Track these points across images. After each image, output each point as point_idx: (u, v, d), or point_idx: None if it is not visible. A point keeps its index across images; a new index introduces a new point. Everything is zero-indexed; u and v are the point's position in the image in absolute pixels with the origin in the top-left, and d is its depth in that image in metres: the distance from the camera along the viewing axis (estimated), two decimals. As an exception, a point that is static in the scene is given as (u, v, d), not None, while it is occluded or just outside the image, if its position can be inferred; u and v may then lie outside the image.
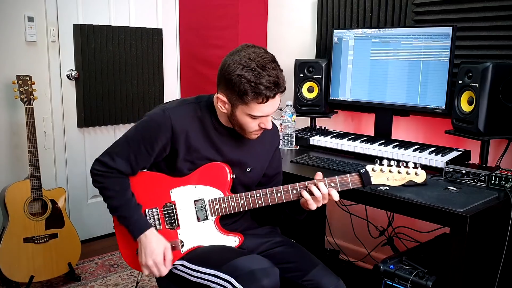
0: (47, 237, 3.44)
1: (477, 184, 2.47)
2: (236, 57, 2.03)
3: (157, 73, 4.53)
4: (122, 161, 2.19)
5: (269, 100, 2.03)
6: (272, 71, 2.00)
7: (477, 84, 2.59)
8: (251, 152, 2.31)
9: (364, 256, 3.80)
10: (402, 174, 2.12)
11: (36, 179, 3.37)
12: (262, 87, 1.98)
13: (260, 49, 2.06)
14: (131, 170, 2.21)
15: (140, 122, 2.21)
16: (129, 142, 2.20)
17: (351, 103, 3.36)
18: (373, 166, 2.12)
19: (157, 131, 2.15)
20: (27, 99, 3.39)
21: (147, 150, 2.17)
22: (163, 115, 2.15)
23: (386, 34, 3.09)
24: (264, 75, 1.99)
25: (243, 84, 1.99)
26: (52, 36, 3.92)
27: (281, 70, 2.07)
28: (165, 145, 2.18)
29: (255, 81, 1.98)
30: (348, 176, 2.13)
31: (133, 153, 2.18)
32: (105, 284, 3.60)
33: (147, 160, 2.21)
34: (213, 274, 2.08)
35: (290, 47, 4.17)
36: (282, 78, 2.04)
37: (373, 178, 2.12)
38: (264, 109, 2.05)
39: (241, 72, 1.99)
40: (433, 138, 3.26)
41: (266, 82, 1.98)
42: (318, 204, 2.13)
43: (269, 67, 2.01)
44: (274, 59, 2.06)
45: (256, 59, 2.00)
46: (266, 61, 2.01)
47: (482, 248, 2.27)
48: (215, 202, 2.23)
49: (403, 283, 2.45)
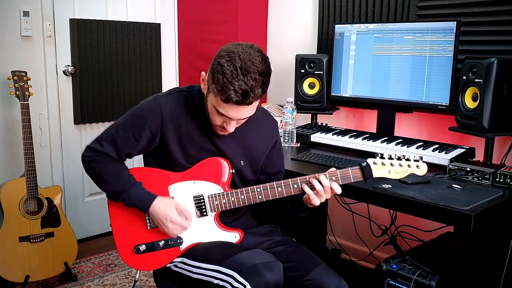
0: (43, 236, 3.44)
1: (482, 182, 2.47)
2: (232, 48, 2.01)
3: (155, 69, 4.53)
4: (109, 146, 2.22)
5: (231, 103, 1.99)
6: (250, 81, 1.95)
7: (481, 80, 2.59)
8: (245, 144, 2.31)
9: (366, 256, 3.80)
10: (404, 167, 2.14)
11: (31, 176, 3.37)
12: (231, 87, 1.94)
13: (260, 57, 2.00)
14: (117, 155, 2.23)
15: (132, 110, 2.25)
16: (117, 128, 2.23)
17: (353, 99, 3.36)
18: (375, 159, 2.14)
19: (146, 117, 2.18)
20: (22, 95, 3.38)
21: (135, 137, 2.19)
22: (154, 103, 2.19)
23: (389, 29, 3.09)
24: (240, 79, 1.94)
25: (218, 73, 1.97)
26: (48, 31, 3.92)
27: (264, 87, 2.00)
28: (154, 134, 2.20)
29: (229, 79, 1.94)
30: (350, 169, 2.14)
31: (120, 138, 2.21)
32: (102, 284, 3.60)
33: (134, 146, 2.22)
34: (215, 269, 2.08)
35: (291, 42, 4.16)
36: (255, 93, 1.98)
37: (374, 171, 2.13)
38: (227, 110, 2.03)
39: (223, 63, 1.97)
40: (436, 135, 3.26)
41: (237, 87, 1.94)
42: (321, 199, 2.14)
43: (251, 76, 1.95)
44: (265, 73, 1.99)
45: (245, 61, 1.96)
46: (253, 69, 1.96)
47: (486, 247, 2.27)
48: (215, 198, 2.23)
49: (406, 283, 2.45)
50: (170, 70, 4.77)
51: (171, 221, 2.17)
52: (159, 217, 2.18)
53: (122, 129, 2.21)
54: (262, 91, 2.01)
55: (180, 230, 2.21)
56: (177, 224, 2.18)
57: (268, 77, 2.02)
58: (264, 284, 1.96)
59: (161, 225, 2.20)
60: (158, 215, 2.18)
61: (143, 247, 2.24)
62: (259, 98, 2.03)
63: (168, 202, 2.20)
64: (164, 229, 2.19)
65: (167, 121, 2.18)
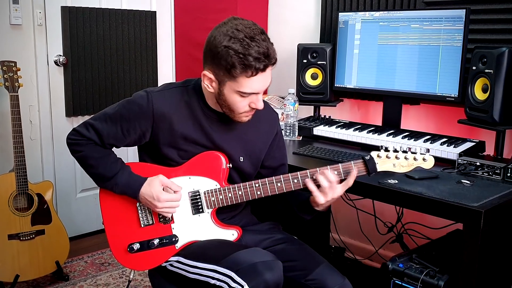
0: (33, 233, 3.44)
1: (492, 177, 2.47)
2: (222, 29, 2.01)
3: (151, 59, 4.52)
4: (94, 134, 2.22)
5: (258, 73, 2.01)
6: (262, 42, 1.99)
7: (492, 71, 2.59)
8: (244, 139, 2.31)
9: (371, 254, 3.80)
10: (409, 160, 2.12)
11: (21, 171, 3.36)
12: (251, 58, 1.97)
13: (248, 21, 2.06)
14: (100, 143, 2.24)
15: (123, 101, 2.24)
16: (106, 118, 2.23)
17: (357, 90, 3.36)
18: (378, 152, 2.13)
19: (136, 115, 2.18)
20: (12, 86, 3.37)
21: (122, 131, 2.20)
22: (146, 99, 2.18)
23: (395, 17, 3.08)
24: (253, 45, 1.97)
25: (231, 56, 1.97)
26: (38, 19, 3.90)
27: (272, 43, 2.05)
28: (144, 131, 2.20)
29: (244, 52, 1.96)
30: (352, 163, 2.13)
31: (107, 130, 2.21)
32: (95, 284, 3.60)
33: (120, 140, 2.24)
34: (212, 269, 2.08)
35: (293, 31, 4.15)
36: (272, 50, 2.03)
37: (378, 165, 2.12)
38: (254, 84, 2.04)
39: (228, 43, 1.97)
40: (445, 128, 3.25)
41: (255, 53, 1.97)
42: (325, 196, 2.10)
43: (258, 38, 1.99)
44: (264, 31, 2.05)
45: (244, 30, 1.99)
46: (255, 32, 2.00)
47: (497, 245, 2.27)
48: (211, 194, 2.22)
49: (413, 282, 2.45)
50: (166, 60, 4.75)
51: (159, 200, 2.16)
52: (147, 199, 2.18)
53: (111, 121, 2.21)
54: (273, 46, 2.06)
55: (172, 208, 2.20)
56: (166, 201, 2.17)
57: (266, 33, 2.07)
58: (262, 284, 1.96)
59: (152, 207, 2.20)
60: (146, 198, 2.18)
61: (137, 246, 2.24)
62: (276, 55, 2.06)
63: (152, 181, 2.19)
64: (156, 210, 2.20)
65: (159, 119, 2.17)
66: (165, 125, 2.18)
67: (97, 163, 2.23)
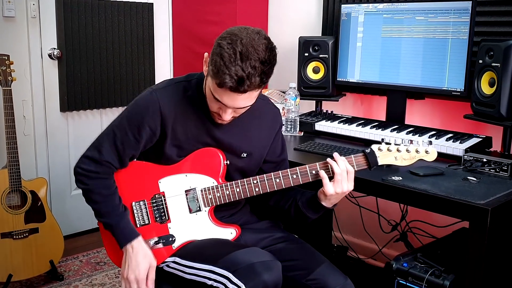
0: (26, 232, 3.43)
1: (499, 174, 2.46)
2: (236, 31, 1.98)
3: (148, 52, 4.51)
4: (109, 152, 2.18)
5: (224, 88, 1.95)
6: (248, 68, 1.91)
7: (499, 64, 2.59)
8: (247, 135, 2.30)
9: (375, 253, 3.80)
10: (411, 153, 2.13)
11: (14, 168, 3.36)
12: (226, 72, 1.91)
13: (265, 44, 1.97)
14: (118, 160, 2.20)
15: (127, 107, 2.22)
16: (115, 130, 2.19)
17: (360, 84, 3.35)
18: (379, 145, 2.13)
19: (145, 115, 2.15)
20: (4, 80, 3.37)
21: (135, 137, 2.17)
22: (151, 97, 2.16)
23: (399, 9, 3.07)
24: (237, 65, 1.91)
25: (216, 55, 1.95)
26: (32, 11, 3.90)
27: (263, 77, 1.96)
28: (154, 130, 2.17)
29: (225, 62, 1.91)
30: (353, 157, 2.13)
31: (120, 141, 2.17)
32: (91, 284, 3.60)
33: (135, 147, 2.20)
34: (209, 269, 2.07)
35: (294, 23, 4.14)
36: (252, 82, 1.93)
37: (379, 158, 2.13)
38: (222, 95, 2.00)
39: (223, 45, 1.94)
40: (450, 123, 3.25)
41: (233, 72, 1.90)
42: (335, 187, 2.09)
43: (250, 63, 1.91)
44: (266, 62, 1.96)
45: (247, 46, 1.93)
46: (254, 56, 1.92)
47: (504, 244, 2.27)
48: (208, 192, 2.22)
49: (418, 282, 2.45)
50: (164, 53, 4.75)
51: (136, 276, 2.14)
52: (132, 261, 2.15)
53: (120, 131, 2.18)
54: (260, 81, 1.96)
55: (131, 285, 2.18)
56: (136, 283, 2.15)
57: (270, 67, 1.98)
58: (261, 285, 1.96)
59: (125, 268, 2.17)
60: (131, 259, 2.16)
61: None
62: (257, 88, 1.99)
63: (148, 256, 2.18)
64: (124, 272, 2.17)
65: (166, 116, 2.16)
66: (171, 122, 2.17)
67: (101, 200, 2.19)
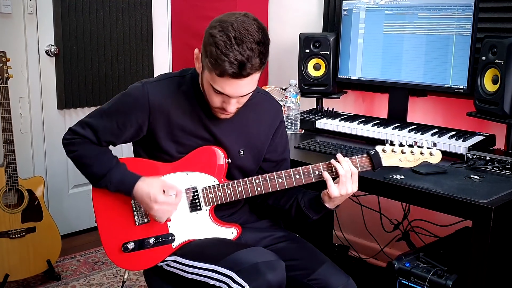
0: (23, 231, 3.43)
1: (503, 172, 2.46)
2: (224, 17, 1.98)
3: (146, 49, 4.52)
4: (90, 131, 2.21)
5: (226, 77, 1.95)
6: (246, 51, 1.91)
7: (502, 61, 2.58)
8: (245, 131, 2.30)
9: (376, 253, 3.80)
10: (416, 155, 2.13)
11: (11, 166, 3.36)
12: (225, 59, 1.90)
13: (255, 25, 1.97)
14: (96, 140, 2.23)
15: (119, 94, 2.25)
16: (102, 114, 2.23)
17: (362, 82, 3.35)
18: (384, 146, 2.13)
19: (132, 107, 2.17)
20: (1, 77, 3.36)
21: (118, 126, 2.19)
22: (141, 90, 2.17)
23: (401, 5, 3.07)
24: (235, 50, 1.90)
25: (210, 46, 1.94)
26: (29, 7, 3.89)
27: (262, 57, 1.96)
28: (141, 124, 2.18)
29: (222, 50, 1.91)
30: (357, 158, 2.13)
31: (102, 125, 2.21)
32: (88, 284, 3.60)
33: (117, 136, 2.22)
34: (211, 269, 2.07)
35: (294, 19, 4.13)
36: (253, 64, 1.93)
37: (384, 160, 2.12)
38: (223, 86, 1.99)
39: (215, 33, 1.94)
40: (453, 121, 3.24)
41: (232, 58, 1.90)
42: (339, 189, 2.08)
43: (247, 46, 1.91)
44: (262, 42, 1.96)
45: (239, 30, 1.93)
46: (249, 38, 1.92)
47: (507, 244, 2.26)
48: (209, 190, 2.21)
49: (420, 282, 2.45)
50: (163, 50, 4.74)
51: (155, 201, 2.12)
52: (143, 199, 2.15)
53: (107, 116, 2.21)
54: (260, 62, 1.96)
55: (168, 212, 2.17)
56: (163, 203, 2.13)
57: (266, 47, 1.98)
58: (265, 285, 1.95)
59: (147, 208, 2.17)
60: (142, 197, 2.15)
61: (132, 245, 2.23)
62: (258, 70, 1.99)
63: (152, 181, 2.16)
64: (150, 212, 2.16)
65: (155, 111, 2.16)
66: (162, 117, 2.18)
67: (92, 161, 2.21)
